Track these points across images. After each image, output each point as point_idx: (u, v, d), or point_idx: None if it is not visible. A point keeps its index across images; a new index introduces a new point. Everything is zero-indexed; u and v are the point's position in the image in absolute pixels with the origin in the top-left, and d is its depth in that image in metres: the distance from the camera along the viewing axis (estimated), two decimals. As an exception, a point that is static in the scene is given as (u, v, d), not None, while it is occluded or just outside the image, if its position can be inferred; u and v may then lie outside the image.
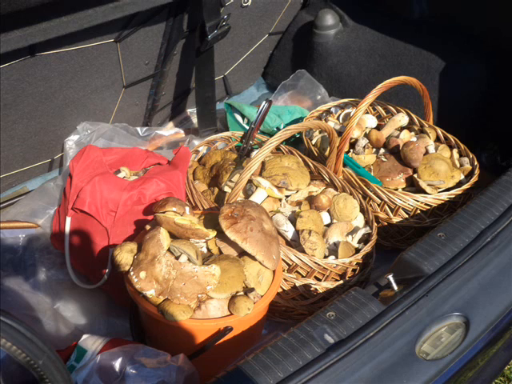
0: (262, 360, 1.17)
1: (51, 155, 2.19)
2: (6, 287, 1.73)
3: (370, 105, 2.18)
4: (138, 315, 1.60)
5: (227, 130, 2.37)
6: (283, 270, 1.62)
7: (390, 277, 1.36)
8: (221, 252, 1.51)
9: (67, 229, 1.78)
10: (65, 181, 1.94)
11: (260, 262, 1.46)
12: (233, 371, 1.15)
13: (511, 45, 2.11)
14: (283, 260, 1.61)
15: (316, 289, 1.64)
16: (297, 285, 1.63)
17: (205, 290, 1.37)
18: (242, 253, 1.50)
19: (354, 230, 1.75)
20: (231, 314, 1.40)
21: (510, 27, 2.11)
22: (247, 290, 1.44)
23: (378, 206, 1.85)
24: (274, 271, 1.52)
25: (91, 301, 1.78)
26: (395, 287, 1.35)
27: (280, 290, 1.65)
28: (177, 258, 1.40)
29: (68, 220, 1.79)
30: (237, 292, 1.43)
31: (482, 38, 2.20)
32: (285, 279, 1.64)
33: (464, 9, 2.23)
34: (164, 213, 1.48)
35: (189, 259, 1.40)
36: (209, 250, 1.52)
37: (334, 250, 1.70)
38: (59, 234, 1.83)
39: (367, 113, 2.20)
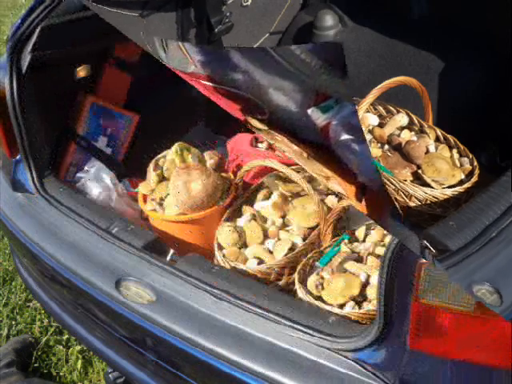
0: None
1: None
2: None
3: (371, 105, 2.18)
4: None
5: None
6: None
7: None
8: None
9: None
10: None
11: None
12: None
13: (511, 45, 2.12)
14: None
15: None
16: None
17: None
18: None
19: None
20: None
21: (510, 27, 2.11)
22: None
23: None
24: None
25: None
26: None
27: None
28: None
29: None
30: None
31: (482, 38, 2.20)
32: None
33: (464, 9, 2.24)
34: None
35: None
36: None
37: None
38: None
39: (368, 112, 2.19)
